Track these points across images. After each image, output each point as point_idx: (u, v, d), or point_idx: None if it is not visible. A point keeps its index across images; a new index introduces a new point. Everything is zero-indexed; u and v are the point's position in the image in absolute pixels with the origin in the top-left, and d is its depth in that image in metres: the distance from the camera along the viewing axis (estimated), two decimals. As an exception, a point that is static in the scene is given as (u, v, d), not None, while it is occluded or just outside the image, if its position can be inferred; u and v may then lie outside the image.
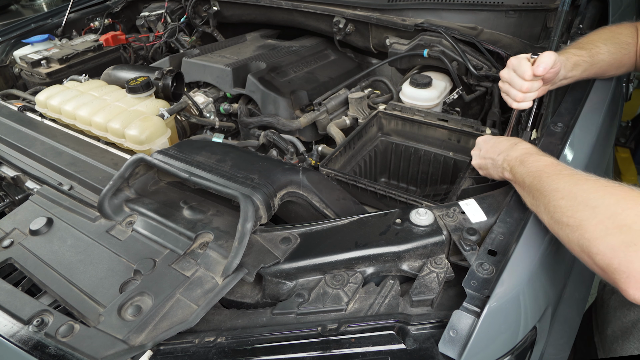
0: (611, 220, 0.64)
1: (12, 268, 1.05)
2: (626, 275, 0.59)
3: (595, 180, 0.72)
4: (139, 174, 1.17)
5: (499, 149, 0.96)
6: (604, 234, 0.63)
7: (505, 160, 0.92)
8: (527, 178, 0.82)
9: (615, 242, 0.61)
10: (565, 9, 1.31)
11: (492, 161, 0.98)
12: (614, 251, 0.61)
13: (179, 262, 0.96)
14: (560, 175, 0.76)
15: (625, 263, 0.59)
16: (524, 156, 0.87)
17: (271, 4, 2.11)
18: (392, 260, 0.89)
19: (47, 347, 0.82)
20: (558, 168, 0.79)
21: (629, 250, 0.59)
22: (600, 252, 0.63)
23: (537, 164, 0.83)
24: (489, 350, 0.74)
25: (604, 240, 0.63)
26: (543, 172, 0.80)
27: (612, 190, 0.68)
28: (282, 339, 0.80)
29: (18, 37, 2.22)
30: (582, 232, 0.66)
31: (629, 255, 0.59)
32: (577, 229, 0.67)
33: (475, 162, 1.08)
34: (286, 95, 1.73)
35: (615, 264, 0.61)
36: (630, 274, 0.59)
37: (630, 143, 3.17)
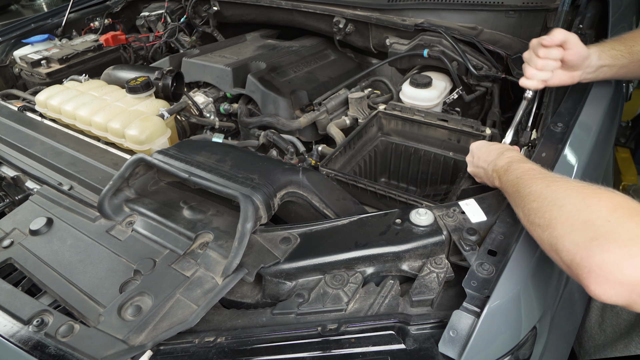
0: (576, 217, 0.64)
1: (12, 268, 1.05)
2: (587, 269, 0.59)
3: (565, 181, 0.73)
4: (139, 174, 1.17)
5: (489, 159, 0.98)
6: (569, 231, 0.63)
7: (494, 170, 0.93)
8: (509, 186, 0.84)
9: (578, 238, 0.61)
10: (565, 9, 1.31)
11: (484, 170, 1.00)
12: (577, 246, 0.61)
13: (179, 262, 0.96)
14: (534, 179, 0.78)
15: (587, 258, 0.59)
16: (508, 164, 0.89)
17: (271, 4, 2.11)
18: (392, 260, 0.89)
19: (47, 347, 0.82)
20: (533, 173, 0.81)
21: (591, 245, 0.59)
22: (565, 248, 0.63)
23: (517, 171, 0.84)
24: (489, 350, 0.74)
25: (569, 236, 0.63)
26: (520, 178, 0.81)
27: (579, 190, 0.69)
28: (282, 339, 0.80)
29: (18, 37, 2.21)
30: (551, 230, 0.67)
31: (590, 249, 0.59)
32: (547, 228, 0.68)
33: (470, 170, 1.09)
34: (286, 95, 1.73)
35: (578, 259, 0.60)
36: (591, 268, 0.58)
37: (630, 143, 3.17)
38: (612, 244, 0.57)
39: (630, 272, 0.55)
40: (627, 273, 0.55)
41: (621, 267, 0.55)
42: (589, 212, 0.63)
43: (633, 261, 0.55)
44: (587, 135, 1.09)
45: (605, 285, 0.57)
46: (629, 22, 1.69)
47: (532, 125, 1.21)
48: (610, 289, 0.57)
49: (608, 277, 0.56)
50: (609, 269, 0.56)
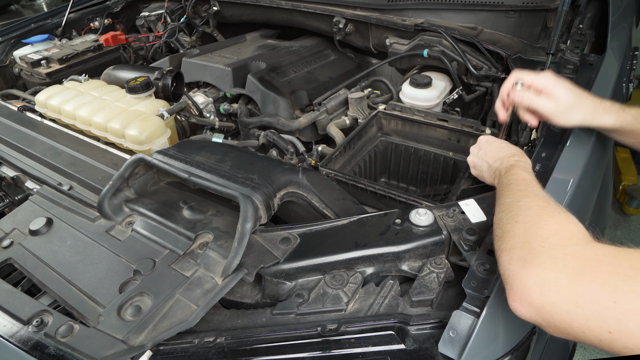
0: (520, 236, 0.66)
1: (11, 268, 1.05)
2: (510, 286, 0.62)
3: (536, 199, 0.74)
4: (139, 174, 1.17)
5: (498, 156, 0.97)
6: (510, 247, 0.66)
7: (498, 169, 0.93)
8: (499, 188, 0.85)
9: (513, 256, 0.64)
10: (565, 9, 1.31)
11: (488, 165, 0.99)
12: (509, 263, 0.63)
13: (179, 262, 0.96)
14: (516, 191, 0.79)
15: (511, 275, 0.62)
16: (510, 167, 0.89)
17: (271, 4, 2.11)
18: (392, 260, 0.89)
19: (46, 348, 0.82)
20: (520, 184, 0.81)
21: (517, 264, 0.62)
22: (502, 262, 0.66)
23: (512, 177, 0.85)
24: (489, 350, 0.73)
25: (508, 252, 0.65)
26: (509, 185, 0.82)
27: (539, 211, 0.70)
28: (282, 339, 0.80)
29: (18, 37, 2.21)
30: (500, 242, 0.70)
31: (515, 268, 0.62)
32: (499, 239, 0.71)
33: (470, 159, 1.08)
34: (286, 95, 1.73)
35: (506, 274, 0.63)
36: (512, 285, 0.61)
37: (630, 143, 3.16)
38: (533, 267, 0.60)
39: (537, 296, 0.58)
40: (534, 297, 0.58)
41: (531, 291, 0.58)
42: (532, 233, 0.65)
43: (542, 287, 0.58)
44: (587, 135, 1.09)
45: (518, 303, 0.60)
46: (629, 22, 1.69)
47: (532, 125, 1.21)
48: (521, 307, 0.60)
49: (521, 296, 0.60)
50: (522, 289, 0.60)
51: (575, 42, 1.46)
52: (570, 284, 0.56)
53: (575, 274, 0.57)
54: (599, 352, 2.02)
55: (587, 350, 2.13)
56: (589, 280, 0.55)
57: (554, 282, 0.57)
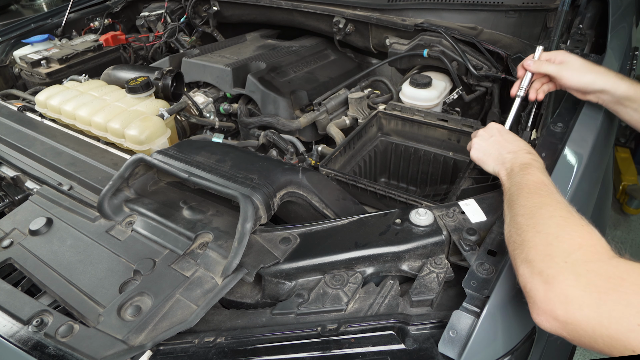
0: (543, 248, 0.66)
1: (11, 268, 1.05)
2: (532, 300, 0.63)
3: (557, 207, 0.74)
4: (139, 174, 1.17)
5: (512, 148, 0.95)
6: (531, 259, 0.66)
7: (511, 161, 0.91)
8: (513, 185, 0.84)
9: (534, 270, 0.64)
10: (565, 9, 1.31)
11: (499, 154, 0.97)
12: (531, 276, 0.64)
13: (179, 262, 0.96)
14: (535, 194, 0.78)
15: (534, 290, 0.63)
16: (526, 165, 0.87)
17: (271, 4, 2.11)
18: (391, 260, 0.89)
19: (46, 347, 0.82)
20: (539, 187, 0.80)
21: (540, 279, 0.63)
22: (521, 274, 0.67)
23: (528, 176, 0.84)
24: (489, 350, 0.73)
25: (529, 265, 0.66)
26: (527, 185, 0.81)
27: (561, 221, 0.70)
28: (282, 339, 0.80)
29: (18, 37, 2.21)
30: (519, 251, 0.69)
31: (538, 283, 0.63)
32: (518, 246, 0.70)
33: (477, 142, 1.04)
34: (286, 95, 1.73)
35: (528, 287, 0.64)
36: (535, 300, 0.63)
37: (630, 143, 3.17)
38: (556, 284, 0.61)
39: (561, 312, 0.59)
40: (559, 313, 0.59)
41: (555, 307, 0.60)
42: (555, 246, 0.65)
43: (566, 305, 0.59)
44: (587, 135, 1.09)
45: (542, 317, 0.62)
46: (629, 22, 1.69)
47: (532, 125, 1.21)
48: (546, 321, 0.61)
49: (545, 311, 0.61)
50: (546, 305, 0.61)
51: (575, 42, 1.46)
52: (595, 303, 0.57)
53: (599, 292, 0.57)
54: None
55: (587, 350, 2.12)
56: (613, 300, 0.56)
57: (578, 300, 0.58)
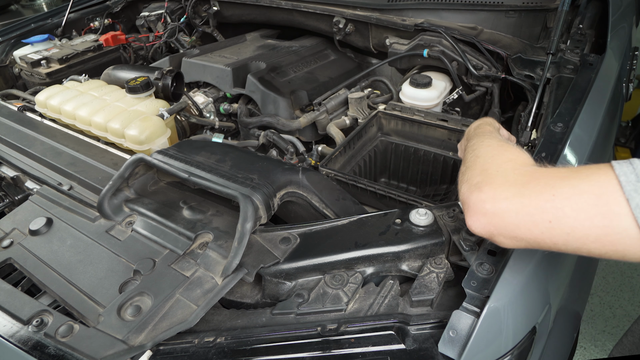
0: (480, 165, 0.73)
1: (11, 268, 1.05)
2: (467, 205, 0.69)
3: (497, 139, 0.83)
4: (139, 174, 1.17)
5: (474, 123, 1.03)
6: (471, 176, 0.72)
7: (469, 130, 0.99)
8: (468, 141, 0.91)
9: (472, 182, 0.70)
10: (565, 9, 1.31)
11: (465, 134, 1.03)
12: (468, 190, 0.70)
13: (179, 262, 0.96)
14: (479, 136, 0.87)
15: (469, 195, 0.69)
16: (478, 125, 0.97)
17: (271, 4, 2.11)
18: (391, 260, 0.89)
19: (46, 347, 0.82)
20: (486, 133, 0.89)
21: (475, 187, 0.69)
22: (461, 192, 0.73)
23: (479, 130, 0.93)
24: (489, 350, 0.73)
25: (468, 182, 0.72)
26: (475, 135, 0.90)
27: (498, 146, 0.78)
28: (282, 339, 0.80)
29: (18, 37, 2.21)
30: (463, 176, 0.76)
31: (472, 190, 0.69)
32: (463, 173, 0.77)
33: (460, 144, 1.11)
34: (286, 95, 1.73)
35: (465, 197, 0.70)
36: (468, 204, 0.69)
37: (630, 143, 3.17)
38: (486, 186, 0.67)
39: (489, 206, 0.65)
40: (487, 207, 0.65)
41: (484, 202, 0.66)
42: (490, 162, 0.73)
43: (493, 198, 0.65)
44: (587, 135, 1.09)
45: (474, 218, 0.67)
46: (629, 22, 1.69)
47: (532, 125, 1.21)
48: (476, 220, 0.67)
49: (475, 210, 0.67)
50: (477, 204, 0.67)
51: (575, 42, 1.46)
52: (518, 190, 0.64)
53: (522, 183, 0.65)
54: (599, 352, 2.02)
55: (587, 350, 2.13)
56: (533, 184, 0.64)
57: (504, 192, 0.65)
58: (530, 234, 0.63)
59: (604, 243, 0.58)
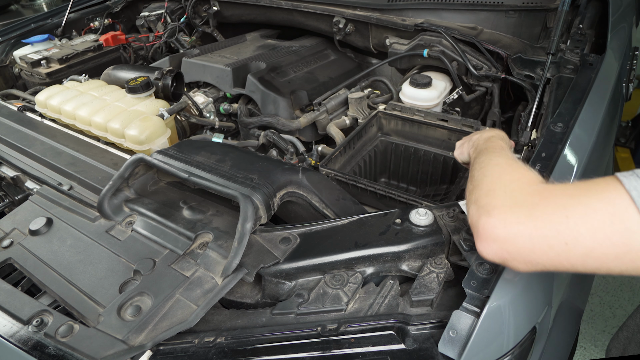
0: (488, 186, 0.71)
1: (11, 268, 1.05)
2: (476, 229, 0.67)
3: (504, 157, 0.80)
4: (139, 174, 1.17)
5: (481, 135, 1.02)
6: (478, 197, 0.71)
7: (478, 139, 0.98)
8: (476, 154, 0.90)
9: (480, 204, 0.69)
10: (565, 9, 1.31)
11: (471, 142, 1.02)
12: (477, 212, 0.68)
13: (179, 262, 0.96)
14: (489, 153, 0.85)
15: (478, 219, 0.67)
16: (489, 139, 0.94)
17: (271, 4, 2.11)
18: (391, 260, 0.89)
19: (46, 347, 0.82)
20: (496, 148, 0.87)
21: (483, 210, 0.67)
22: (470, 214, 0.71)
23: (489, 144, 0.91)
24: (489, 350, 0.73)
25: (476, 203, 0.70)
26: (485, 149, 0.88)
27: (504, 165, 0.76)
28: (282, 339, 0.80)
29: (18, 37, 2.21)
30: (470, 195, 0.74)
31: (481, 213, 0.67)
32: (470, 192, 0.75)
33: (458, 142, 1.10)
34: (286, 95, 1.73)
35: (474, 220, 0.68)
36: (478, 228, 0.66)
37: (630, 143, 3.17)
38: (495, 209, 0.65)
39: (500, 231, 0.63)
40: (498, 232, 0.63)
41: (495, 228, 0.64)
42: (497, 182, 0.71)
43: (504, 222, 0.63)
44: (587, 135, 1.09)
45: (484, 243, 0.65)
46: (629, 22, 1.69)
47: (532, 125, 1.21)
48: (487, 246, 0.65)
49: (486, 236, 0.65)
50: (487, 229, 0.65)
51: (575, 42, 1.46)
52: (529, 212, 0.62)
53: (532, 204, 0.63)
54: (599, 352, 2.02)
55: (587, 350, 2.13)
56: (543, 205, 0.62)
57: (515, 216, 0.63)
58: (546, 257, 0.61)
59: (624, 261, 0.57)
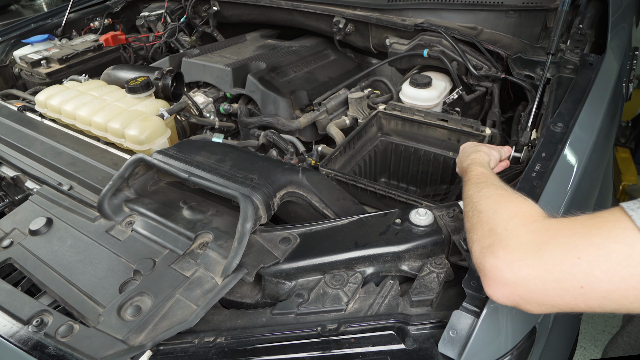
0: (485, 224, 0.69)
1: (11, 268, 1.05)
2: (483, 273, 0.64)
3: (493, 187, 0.78)
4: (139, 174, 1.17)
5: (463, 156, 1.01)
6: (479, 237, 0.68)
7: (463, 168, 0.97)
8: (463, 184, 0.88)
9: (483, 244, 0.66)
10: (565, 9, 1.31)
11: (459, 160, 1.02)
12: (480, 252, 0.66)
13: (179, 262, 0.96)
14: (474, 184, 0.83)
15: (483, 262, 0.64)
16: (469, 166, 0.93)
17: (271, 4, 2.11)
18: (391, 260, 0.89)
19: (46, 347, 0.82)
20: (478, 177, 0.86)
21: (487, 251, 0.64)
22: (474, 252, 0.68)
23: (471, 173, 0.89)
24: (489, 350, 0.73)
25: (478, 242, 0.68)
26: (469, 180, 0.86)
27: (496, 197, 0.74)
28: (282, 339, 0.80)
29: (18, 37, 2.21)
30: (471, 234, 0.72)
31: (485, 255, 0.64)
32: (469, 231, 0.73)
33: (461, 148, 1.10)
34: (286, 95, 1.73)
35: (479, 263, 0.66)
36: (485, 272, 0.64)
37: (630, 143, 3.17)
38: (500, 250, 0.63)
39: (509, 275, 0.60)
40: (507, 276, 0.60)
41: (503, 271, 0.61)
42: (495, 219, 0.68)
43: (512, 265, 0.60)
44: (587, 135, 1.09)
45: (494, 287, 0.62)
46: (629, 22, 1.69)
47: (532, 125, 1.21)
48: (497, 290, 0.62)
49: (495, 279, 0.62)
50: (494, 272, 0.62)
51: (575, 42, 1.46)
52: (537, 255, 0.59)
53: (539, 245, 0.60)
54: (599, 352, 2.02)
55: (587, 350, 2.13)
56: (552, 246, 0.59)
57: (522, 258, 0.60)
58: (561, 300, 0.58)
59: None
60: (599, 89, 1.23)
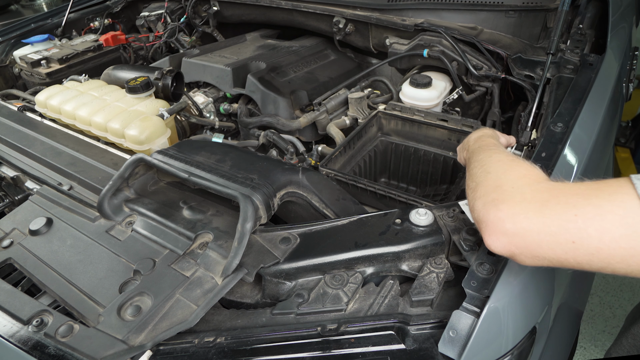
0: (492, 182, 0.72)
1: (11, 268, 1.05)
2: (484, 224, 0.68)
3: (505, 154, 0.82)
4: (139, 174, 1.17)
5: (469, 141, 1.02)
6: (484, 193, 0.71)
7: (468, 141, 0.99)
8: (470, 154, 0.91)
9: (487, 199, 0.69)
10: (565, 9, 1.31)
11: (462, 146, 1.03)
12: (483, 206, 0.69)
13: (179, 262, 0.96)
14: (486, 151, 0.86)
15: (485, 214, 0.68)
16: (479, 137, 0.96)
17: (271, 4, 2.11)
18: (391, 260, 0.89)
19: (46, 347, 0.82)
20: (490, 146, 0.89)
21: (491, 204, 0.68)
22: (476, 207, 0.71)
23: (482, 142, 0.92)
24: (489, 350, 0.73)
25: (482, 198, 0.71)
26: (479, 148, 0.90)
27: (508, 161, 0.77)
28: (282, 339, 0.80)
29: (18, 37, 2.21)
30: (474, 192, 0.74)
31: (489, 208, 0.68)
32: (473, 190, 0.76)
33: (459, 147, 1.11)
34: (286, 95, 1.73)
35: (481, 216, 0.69)
36: (487, 223, 0.67)
37: (630, 143, 3.17)
38: (503, 204, 0.66)
39: (509, 225, 0.64)
40: (508, 227, 0.64)
41: (504, 222, 0.65)
42: (503, 178, 0.71)
43: (514, 218, 0.64)
44: (587, 135, 1.09)
45: (493, 237, 0.66)
46: (629, 22, 1.69)
47: (532, 125, 1.21)
48: (496, 239, 0.66)
49: (495, 229, 0.66)
50: (496, 223, 0.66)
51: (575, 42, 1.46)
52: (538, 209, 0.63)
53: (542, 200, 0.64)
54: (599, 352, 2.02)
55: (587, 350, 2.13)
56: (553, 203, 0.62)
57: (524, 210, 0.64)
58: (552, 253, 0.62)
59: (630, 263, 0.57)
60: (599, 89, 1.23)
